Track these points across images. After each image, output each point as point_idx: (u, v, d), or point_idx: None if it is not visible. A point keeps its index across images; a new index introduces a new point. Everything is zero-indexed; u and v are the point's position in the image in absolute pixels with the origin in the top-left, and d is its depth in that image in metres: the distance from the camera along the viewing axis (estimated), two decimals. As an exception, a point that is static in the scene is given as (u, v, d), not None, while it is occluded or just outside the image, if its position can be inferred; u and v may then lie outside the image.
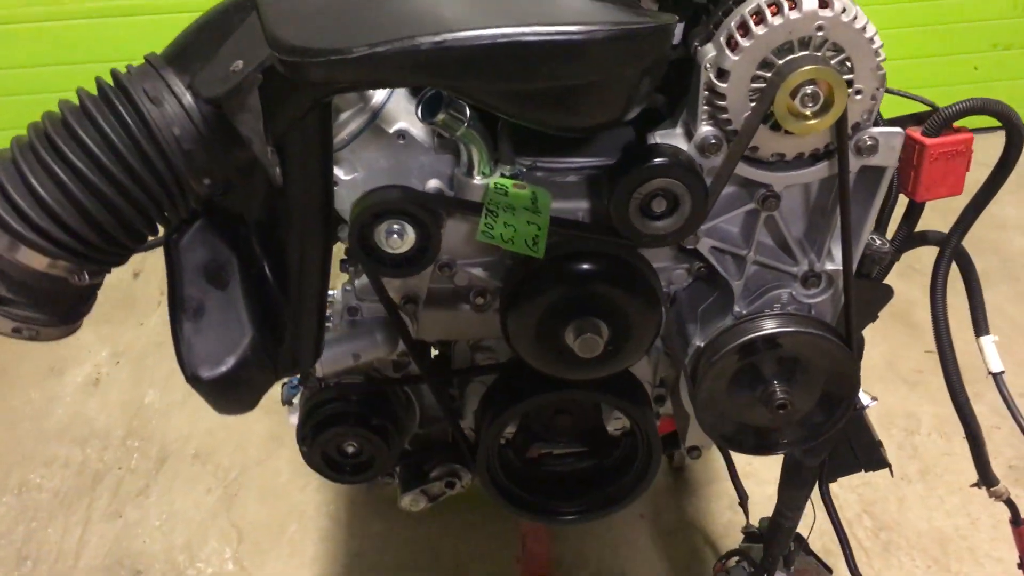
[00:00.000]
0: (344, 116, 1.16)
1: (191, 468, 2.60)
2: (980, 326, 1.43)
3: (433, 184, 1.23)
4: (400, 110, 1.24)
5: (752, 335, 1.24)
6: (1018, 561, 1.61)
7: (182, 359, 1.07)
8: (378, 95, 1.17)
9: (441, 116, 1.11)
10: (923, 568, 2.31)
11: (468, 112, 1.12)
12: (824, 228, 1.23)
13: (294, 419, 1.49)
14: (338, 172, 1.16)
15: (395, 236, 1.14)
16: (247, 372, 1.08)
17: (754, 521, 2.01)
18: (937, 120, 1.19)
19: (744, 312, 1.28)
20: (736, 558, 1.90)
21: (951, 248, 1.34)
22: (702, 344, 1.29)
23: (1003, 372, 1.47)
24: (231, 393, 1.10)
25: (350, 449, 1.34)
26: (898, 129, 1.14)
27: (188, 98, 0.96)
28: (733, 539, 2.37)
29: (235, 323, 1.08)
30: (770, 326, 1.24)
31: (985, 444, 1.47)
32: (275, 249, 1.14)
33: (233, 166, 1.00)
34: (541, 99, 1.01)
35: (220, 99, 0.93)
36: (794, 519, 1.75)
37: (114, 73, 0.99)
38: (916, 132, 1.21)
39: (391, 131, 1.22)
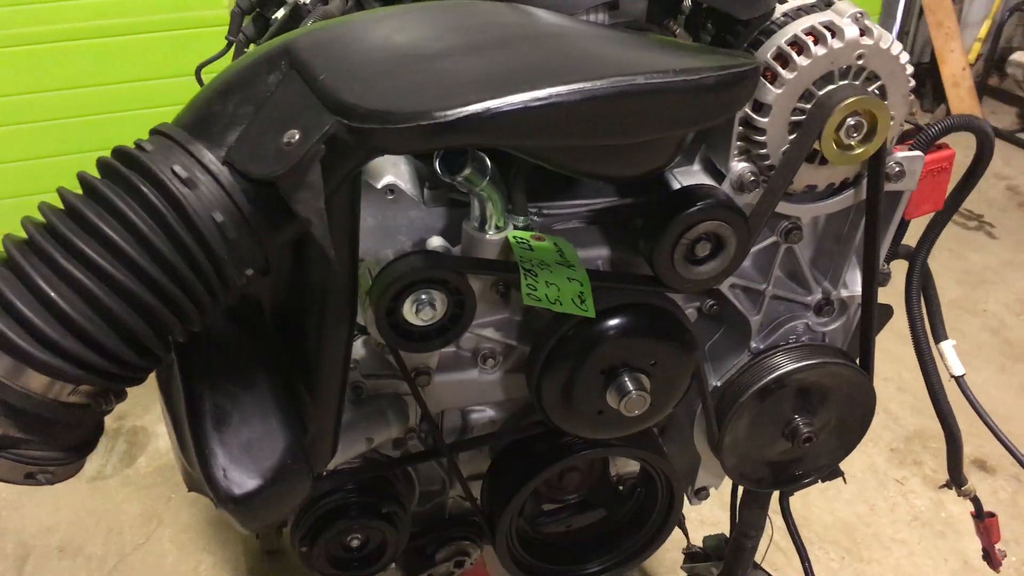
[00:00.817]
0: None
1: (59, 564, 2.32)
2: (939, 332, 1.45)
3: (438, 243, 1.12)
4: (386, 163, 1.13)
5: (780, 371, 1.20)
6: (981, 553, 1.66)
7: (212, 480, 0.91)
8: None
9: (467, 171, 1.00)
10: (838, 560, 2.38)
11: (490, 165, 1.02)
12: (838, 255, 1.21)
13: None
14: None
15: (428, 307, 1.02)
16: (288, 483, 0.94)
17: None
18: (925, 138, 1.20)
19: (762, 347, 1.24)
20: (695, 585, 1.87)
21: (921, 260, 1.36)
22: (719, 383, 1.24)
23: (964, 374, 1.51)
24: (270, 508, 0.94)
25: (355, 543, 1.20)
26: (919, 153, 1.14)
27: (226, 175, 0.80)
28: (658, 560, 2.36)
29: (268, 428, 0.93)
30: (796, 360, 1.21)
31: (962, 448, 1.50)
32: (294, 336, 0.99)
33: (275, 251, 0.85)
34: (608, 149, 0.93)
35: (278, 177, 0.78)
36: (757, 538, 1.74)
37: (123, 152, 0.81)
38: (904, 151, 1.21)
39: (379, 186, 1.10)
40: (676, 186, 1.11)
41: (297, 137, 0.78)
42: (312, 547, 1.18)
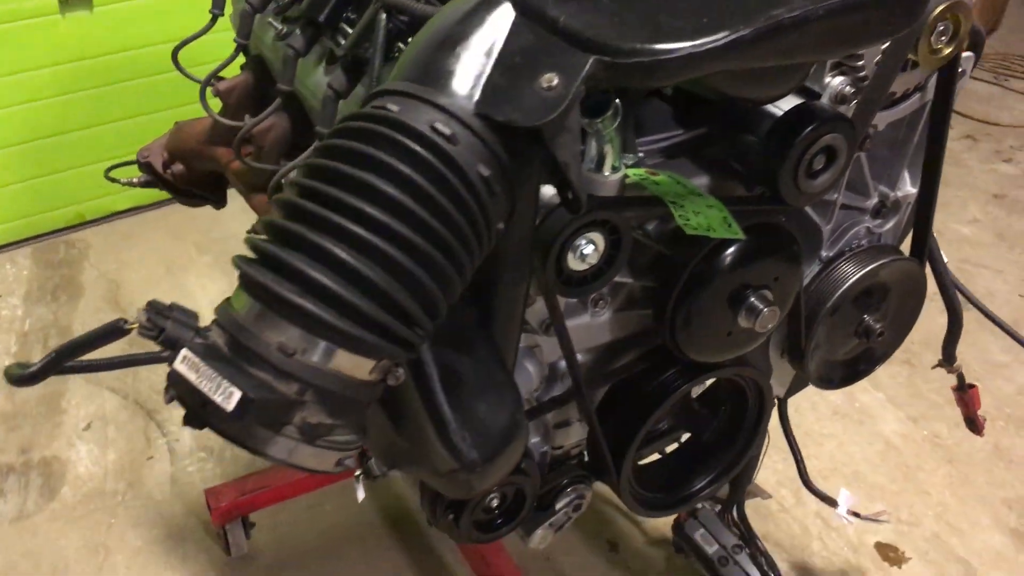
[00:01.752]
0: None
1: (5, 615, 2.12)
2: None
3: (550, 191, 1.12)
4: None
5: (857, 276, 1.28)
6: (965, 422, 1.83)
7: (452, 447, 0.88)
8: None
9: (609, 113, 1.00)
10: (782, 461, 2.53)
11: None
12: (893, 159, 1.30)
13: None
14: None
15: (591, 247, 1.02)
16: (520, 439, 0.92)
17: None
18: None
19: (831, 254, 1.31)
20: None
21: None
22: (793, 294, 1.30)
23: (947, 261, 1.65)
24: (505, 467, 0.92)
25: (494, 502, 1.18)
26: (971, 54, 1.23)
27: (483, 128, 0.77)
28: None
29: (496, 384, 0.91)
30: (868, 263, 1.29)
31: (962, 329, 1.64)
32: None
33: (517, 203, 0.83)
34: (779, 70, 0.96)
35: (546, 124, 0.76)
36: (758, 448, 1.84)
37: (374, 115, 0.76)
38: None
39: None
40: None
41: (556, 81, 0.77)
42: (459, 516, 1.15)
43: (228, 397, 0.67)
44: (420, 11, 1.00)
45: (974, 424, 1.80)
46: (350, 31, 1.19)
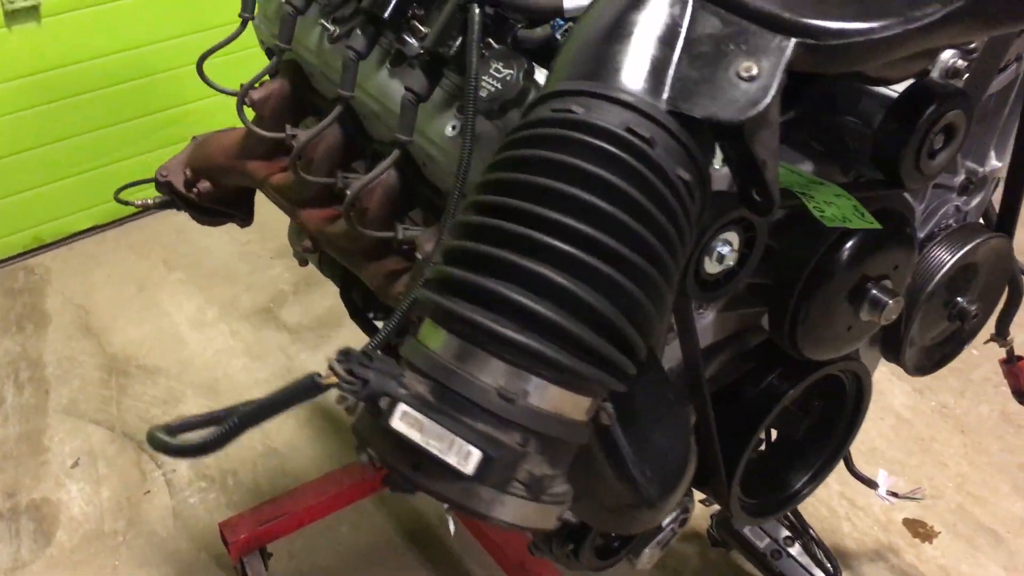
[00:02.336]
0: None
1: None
2: None
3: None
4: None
5: (953, 259, 1.22)
6: (1013, 394, 1.80)
7: (633, 482, 0.80)
8: None
9: None
10: (799, 445, 2.51)
11: None
12: (983, 134, 1.25)
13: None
14: None
15: (728, 247, 0.95)
16: (693, 466, 0.84)
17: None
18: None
19: (922, 236, 1.26)
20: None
21: None
22: (888, 281, 1.25)
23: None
24: (680, 496, 0.84)
25: (609, 526, 1.11)
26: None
27: (676, 126, 0.69)
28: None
29: (668, 409, 0.83)
30: (962, 246, 1.23)
31: (1020, 305, 1.60)
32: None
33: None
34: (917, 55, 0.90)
35: (750, 119, 0.68)
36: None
37: (566, 120, 0.67)
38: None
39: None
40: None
41: (756, 70, 0.69)
42: (580, 544, 1.07)
43: (466, 458, 0.58)
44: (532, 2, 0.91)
45: (1023, 396, 1.78)
46: (422, 28, 1.09)
